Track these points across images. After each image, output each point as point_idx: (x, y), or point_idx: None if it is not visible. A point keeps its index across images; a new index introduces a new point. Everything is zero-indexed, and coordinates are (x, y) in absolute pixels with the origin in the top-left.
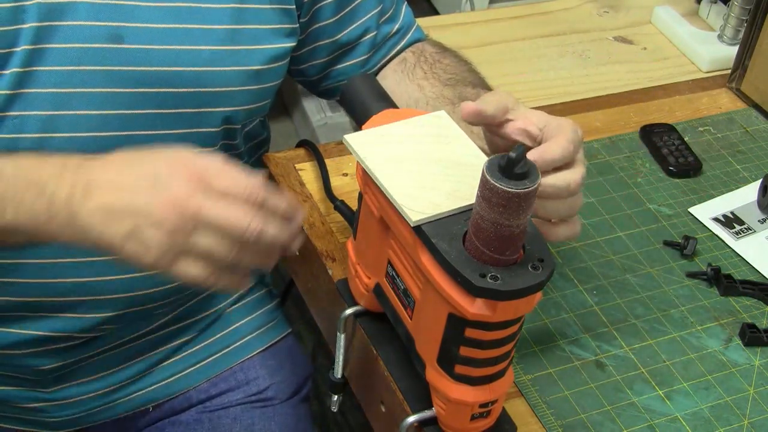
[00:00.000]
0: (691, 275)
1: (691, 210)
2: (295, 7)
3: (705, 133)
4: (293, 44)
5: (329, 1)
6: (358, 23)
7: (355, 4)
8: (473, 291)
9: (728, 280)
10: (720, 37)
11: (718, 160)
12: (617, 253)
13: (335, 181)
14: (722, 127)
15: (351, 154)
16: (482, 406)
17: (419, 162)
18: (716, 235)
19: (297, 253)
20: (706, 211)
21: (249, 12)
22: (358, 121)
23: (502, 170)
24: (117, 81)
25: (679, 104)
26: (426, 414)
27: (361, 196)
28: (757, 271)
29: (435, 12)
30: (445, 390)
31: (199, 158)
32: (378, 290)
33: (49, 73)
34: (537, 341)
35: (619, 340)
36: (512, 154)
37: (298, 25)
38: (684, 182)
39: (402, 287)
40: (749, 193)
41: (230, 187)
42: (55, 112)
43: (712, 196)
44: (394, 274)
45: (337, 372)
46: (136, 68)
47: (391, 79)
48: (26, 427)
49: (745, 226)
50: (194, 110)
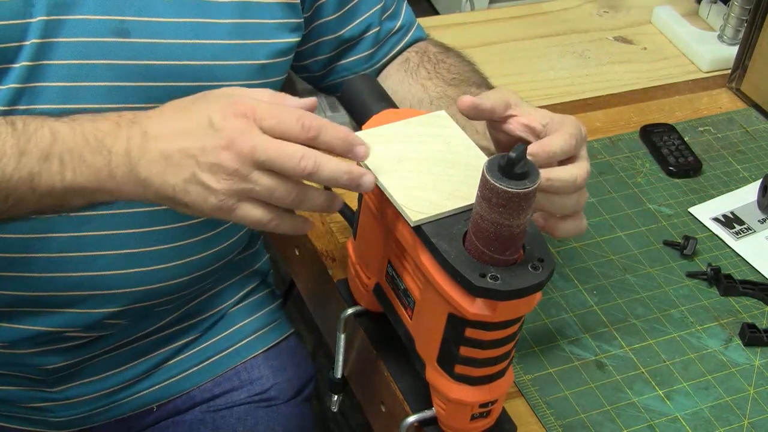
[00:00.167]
0: (691, 275)
1: (691, 210)
2: (299, 2)
3: (705, 133)
4: (298, 39)
5: None
6: (360, 19)
7: (357, 0)
8: (473, 291)
9: (728, 280)
10: (720, 37)
11: (718, 160)
12: (617, 253)
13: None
14: (722, 127)
15: None
16: (482, 406)
17: (419, 162)
18: (716, 235)
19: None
20: (706, 211)
21: (254, 6)
22: (358, 121)
23: (502, 170)
24: (123, 75)
25: (679, 104)
26: (426, 414)
27: (361, 196)
28: (757, 271)
29: (435, 12)
30: (445, 390)
31: (249, 96)
32: (378, 290)
33: (57, 66)
34: (537, 341)
35: (619, 340)
36: (512, 154)
37: (302, 20)
38: (684, 182)
39: (402, 287)
40: (749, 193)
41: (281, 123)
42: (62, 106)
43: (712, 196)
44: (394, 274)
45: (337, 372)
46: (142, 62)
47: (394, 78)
48: (30, 427)
49: (745, 226)
50: None
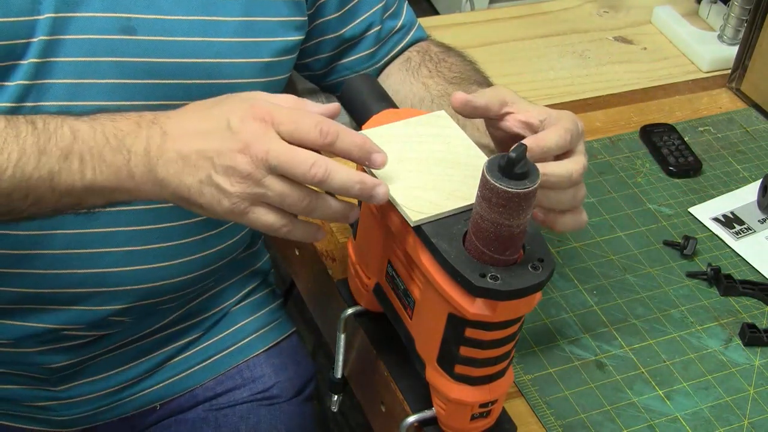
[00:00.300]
0: (691, 275)
1: (691, 210)
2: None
3: (705, 133)
4: (302, 37)
5: None
6: (361, 18)
7: None
8: (473, 291)
9: (728, 280)
10: (720, 37)
11: (718, 160)
12: (617, 253)
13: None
14: (722, 127)
15: None
16: (482, 406)
17: (419, 162)
18: (716, 235)
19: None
20: (706, 211)
21: (260, 4)
22: (358, 121)
23: (502, 170)
24: (129, 72)
25: (679, 104)
26: (426, 414)
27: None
28: (757, 271)
29: (435, 12)
30: (445, 390)
31: (269, 101)
32: (378, 290)
33: (64, 63)
34: (537, 341)
35: (619, 340)
36: (512, 154)
37: (306, 18)
38: (684, 182)
39: (402, 287)
40: (749, 193)
41: (299, 128)
42: (68, 103)
43: (712, 196)
44: (394, 274)
45: (337, 372)
46: (148, 59)
47: (395, 77)
48: (34, 426)
49: (745, 226)
50: None
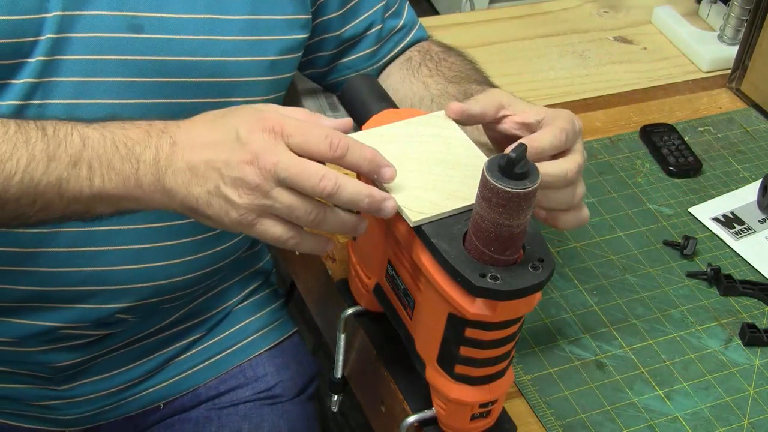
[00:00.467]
0: (691, 275)
1: (691, 210)
2: None
3: (705, 133)
4: (307, 36)
5: None
6: (363, 17)
7: None
8: (473, 291)
9: (728, 280)
10: (720, 37)
11: (718, 160)
12: (617, 253)
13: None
14: (722, 127)
15: None
16: (482, 406)
17: (419, 162)
18: (716, 235)
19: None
20: (706, 211)
21: (266, 2)
22: (358, 121)
23: (502, 170)
24: (136, 70)
25: (679, 104)
26: (426, 414)
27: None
28: (757, 271)
29: (435, 12)
30: (445, 390)
31: (279, 113)
32: (378, 290)
33: (72, 62)
34: (537, 341)
35: (619, 340)
36: (512, 154)
37: (310, 17)
38: (684, 182)
39: (402, 287)
40: (749, 193)
41: (308, 140)
42: (75, 101)
43: (712, 196)
44: (394, 274)
45: (337, 372)
46: (154, 58)
47: (396, 76)
48: (38, 425)
49: (745, 226)
50: (212, 100)
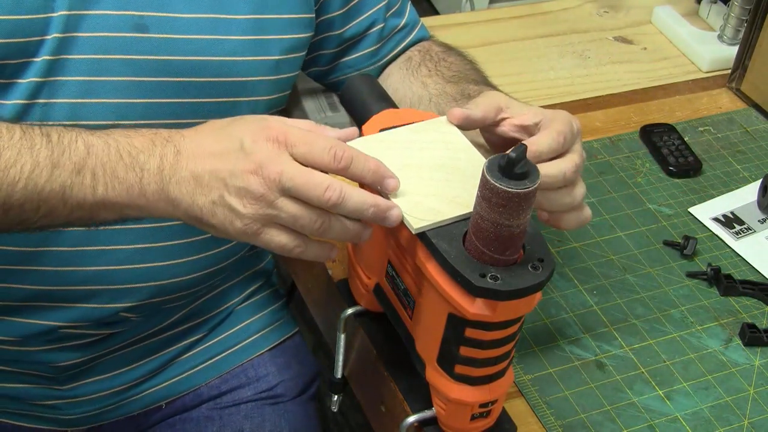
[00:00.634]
0: (691, 275)
1: (691, 210)
2: None
3: (705, 133)
4: (311, 34)
5: None
6: (365, 16)
7: None
8: (473, 291)
9: (728, 280)
10: (720, 37)
11: (718, 160)
12: (617, 253)
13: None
14: (722, 127)
15: None
16: (482, 406)
17: (422, 168)
18: (716, 235)
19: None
20: (706, 211)
21: (271, 2)
22: (358, 121)
23: (502, 170)
24: (141, 70)
25: (679, 104)
26: (426, 414)
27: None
28: (757, 271)
29: (435, 12)
30: (445, 390)
31: (283, 123)
32: (378, 290)
33: (77, 61)
34: (537, 341)
35: (619, 340)
36: (512, 154)
37: (314, 15)
38: (684, 182)
39: (402, 287)
40: (749, 193)
41: (312, 150)
42: (80, 100)
43: (712, 196)
44: (394, 274)
45: (337, 372)
46: (159, 57)
47: (396, 76)
48: (41, 425)
49: (745, 226)
50: (217, 100)
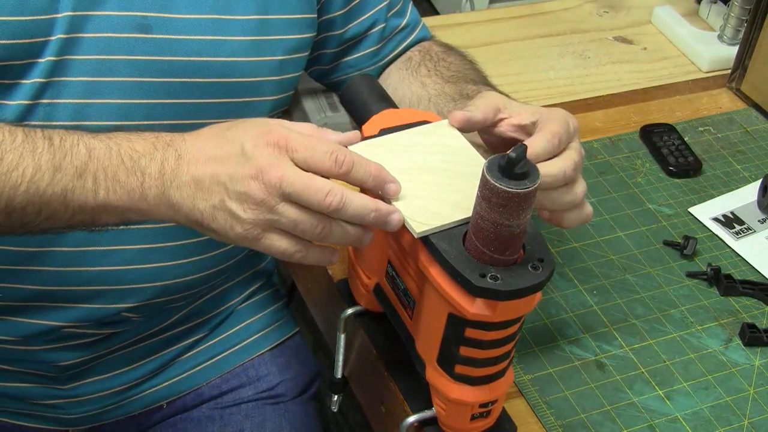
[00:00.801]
0: (691, 275)
1: (691, 210)
2: None
3: (705, 133)
4: (314, 34)
5: None
6: (366, 16)
7: None
8: (473, 291)
9: (728, 280)
10: (720, 37)
11: (718, 160)
12: (617, 253)
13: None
14: (722, 127)
15: None
16: (482, 406)
17: (424, 172)
18: (716, 235)
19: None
20: (706, 211)
21: (274, 2)
22: (358, 121)
23: (502, 170)
24: (144, 70)
25: (679, 104)
26: (426, 414)
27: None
28: (757, 271)
29: (435, 12)
30: (445, 390)
31: (284, 128)
32: (378, 290)
33: (81, 61)
34: (537, 341)
35: (619, 340)
36: (512, 154)
37: (316, 15)
38: (684, 182)
39: (402, 287)
40: (749, 193)
41: (313, 155)
42: (84, 101)
43: (712, 196)
44: (394, 274)
45: (337, 372)
46: (162, 58)
47: (395, 76)
48: (42, 424)
49: (745, 226)
50: (221, 100)
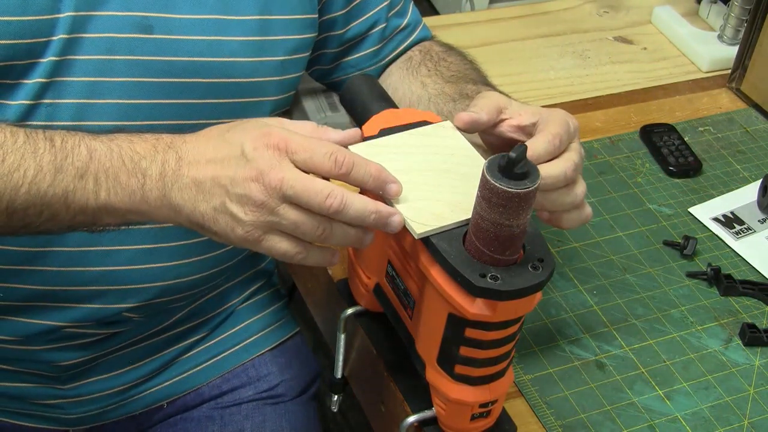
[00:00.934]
0: (691, 275)
1: (691, 210)
2: None
3: (705, 133)
4: (315, 34)
5: None
6: (367, 15)
7: None
8: (473, 291)
9: (728, 280)
10: (720, 37)
11: (718, 160)
12: (617, 253)
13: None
14: (722, 127)
15: None
16: (482, 406)
17: (424, 173)
18: (716, 235)
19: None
20: (706, 211)
21: (275, 3)
22: (358, 121)
23: (502, 170)
24: (146, 71)
25: (679, 104)
26: (426, 414)
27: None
28: (757, 271)
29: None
30: (445, 390)
31: (284, 130)
32: (378, 290)
33: (83, 62)
34: (537, 341)
35: (619, 340)
36: (512, 154)
37: (317, 15)
38: (684, 182)
39: (402, 287)
40: (749, 193)
41: (313, 157)
42: (86, 101)
43: (712, 196)
44: (394, 274)
45: (337, 372)
46: (164, 58)
47: (396, 75)
48: (42, 424)
49: (745, 226)
50: (222, 101)
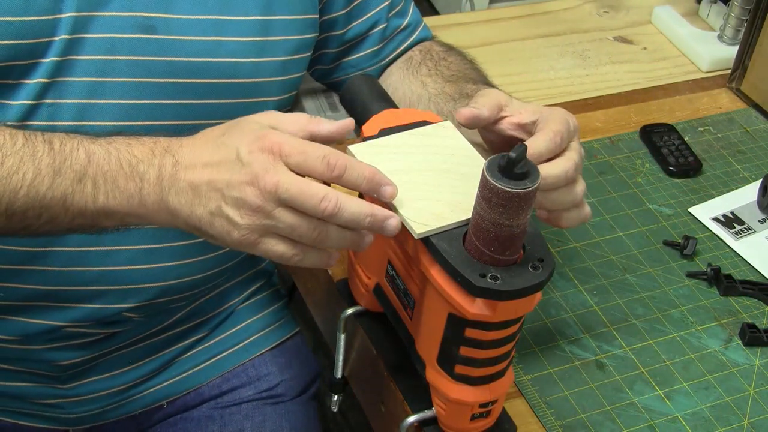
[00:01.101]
0: (691, 275)
1: (691, 210)
2: None
3: (705, 133)
4: (316, 34)
5: None
6: (368, 15)
7: None
8: (473, 291)
9: (728, 280)
10: (720, 37)
11: (718, 160)
12: (617, 253)
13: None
14: (722, 127)
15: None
16: (482, 406)
17: (424, 173)
18: (716, 235)
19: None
20: (706, 211)
21: (277, 3)
22: (358, 121)
23: (502, 170)
24: (147, 71)
25: (679, 104)
26: (426, 414)
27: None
28: (757, 271)
29: (435, 12)
30: (445, 390)
31: (278, 133)
32: (378, 290)
33: (84, 62)
34: (537, 341)
35: (619, 340)
36: (512, 154)
37: (317, 16)
38: (684, 182)
39: (402, 287)
40: (749, 193)
41: (306, 160)
42: (87, 101)
43: (712, 196)
44: (394, 274)
45: (337, 372)
46: (165, 59)
47: (396, 75)
48: (42, 423)
49: (745, 226)
50: (224, 101)
